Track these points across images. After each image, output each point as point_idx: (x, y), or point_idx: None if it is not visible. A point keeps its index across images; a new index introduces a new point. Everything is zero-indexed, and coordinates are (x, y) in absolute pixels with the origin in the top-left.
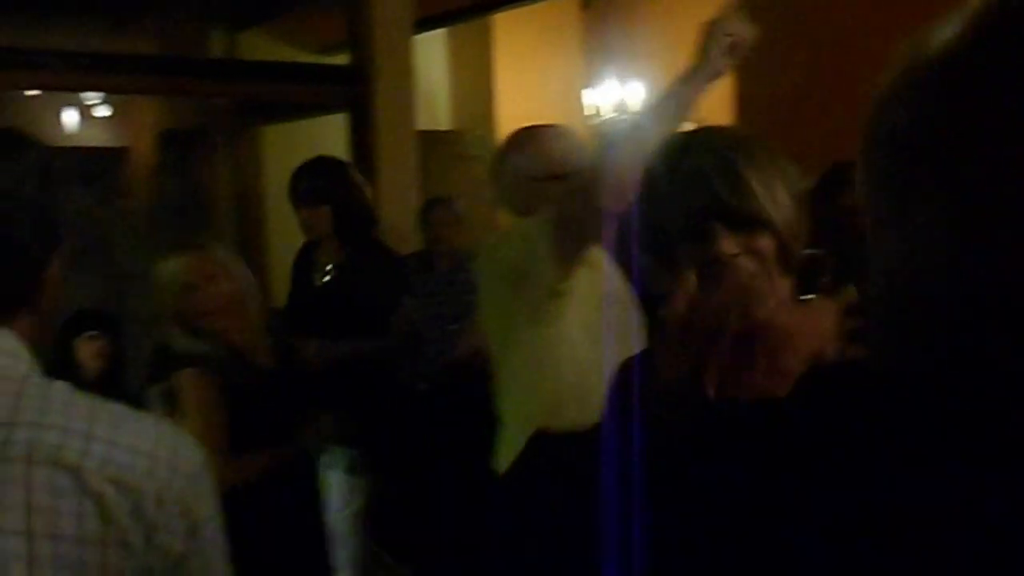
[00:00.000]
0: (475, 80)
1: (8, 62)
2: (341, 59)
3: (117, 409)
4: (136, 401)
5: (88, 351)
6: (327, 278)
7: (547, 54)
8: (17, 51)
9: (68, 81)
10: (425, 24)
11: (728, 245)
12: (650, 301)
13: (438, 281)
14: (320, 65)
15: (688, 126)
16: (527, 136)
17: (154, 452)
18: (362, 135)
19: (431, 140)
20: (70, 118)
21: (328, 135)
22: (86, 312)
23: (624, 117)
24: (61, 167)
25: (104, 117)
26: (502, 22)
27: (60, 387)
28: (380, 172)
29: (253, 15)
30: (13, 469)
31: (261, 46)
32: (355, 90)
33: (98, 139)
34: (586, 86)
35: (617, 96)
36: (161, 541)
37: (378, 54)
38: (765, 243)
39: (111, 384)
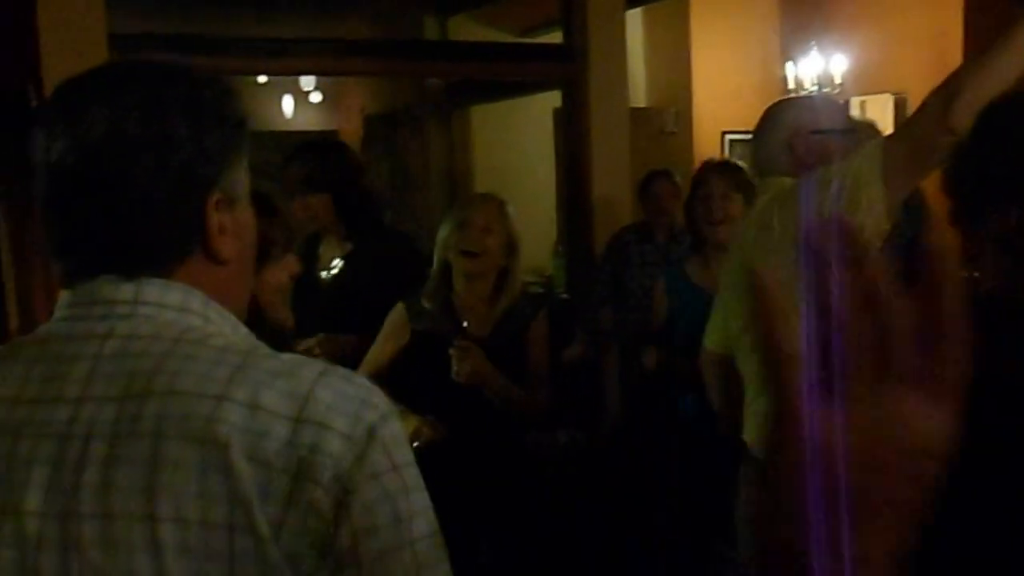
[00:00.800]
0: (672, 57)
1: (241, 49)
2: (543, 40)
3: (275, 367)
4: None
5: None
6: (334, 271)
7: (745, 29)
8: (250, 40)
9: (297, 65)
10: (628, 3)
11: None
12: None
13: (657, 251)
14: (534, 44)
15: None
16: (803, 98)
17: (302, 415)
18: (576, 111)
19: (629, 116)
20: (288, 104)
21: (533, 114)
22: None
23: (826, 90)
24: (195, 103)
25: (317, 102)
26: None
27: (218, 345)
28: (594, 147)
29: (463, 1)
30: (140, 446)
31: (468, 30)
32: (569, 67)
33: (312, 123)
34: (787, 60)
35: (820, 69)
36: (300, 523)
37: (592, 31)
38: None
39: None
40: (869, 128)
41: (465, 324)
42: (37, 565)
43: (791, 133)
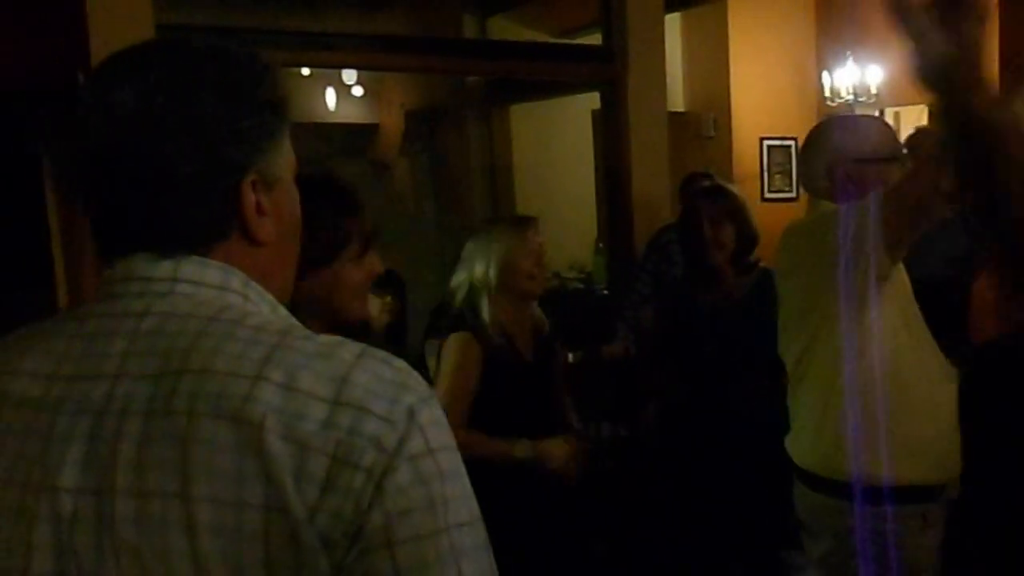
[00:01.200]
0: (710, 63)
1: (284, 42)
2: (581, 42)
3: (312, 348)
4: (416, 354)
5: (376, 307)
6: None
7: (783, 36)
8: (293, 33)
9: (339, 59)
10: (667, 7)
11: None
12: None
13: None
14: (574, 45)
15: None
16: (849, 120)
17: (339, 398)
18: (615, 113)
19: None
20: (331, 97)
21: (572, 113)
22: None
23: (862, 100)
24: (228, 83)
25: (359, 96)
26: (737, 4)
27: (254, 324)
28: (633, 148)
29: (502, 1)
30: (175, 424)
31: (507, 30)
32: (608, 69)
33: (353, 116)
34: (823, 68)
35: (856, 78)
36: (337, 506)
37: (631, 33)
38: None
39: (396, 338)
40: (930, 137)
41: (519, 348)
42: (72, 542)
43: (831, 160)
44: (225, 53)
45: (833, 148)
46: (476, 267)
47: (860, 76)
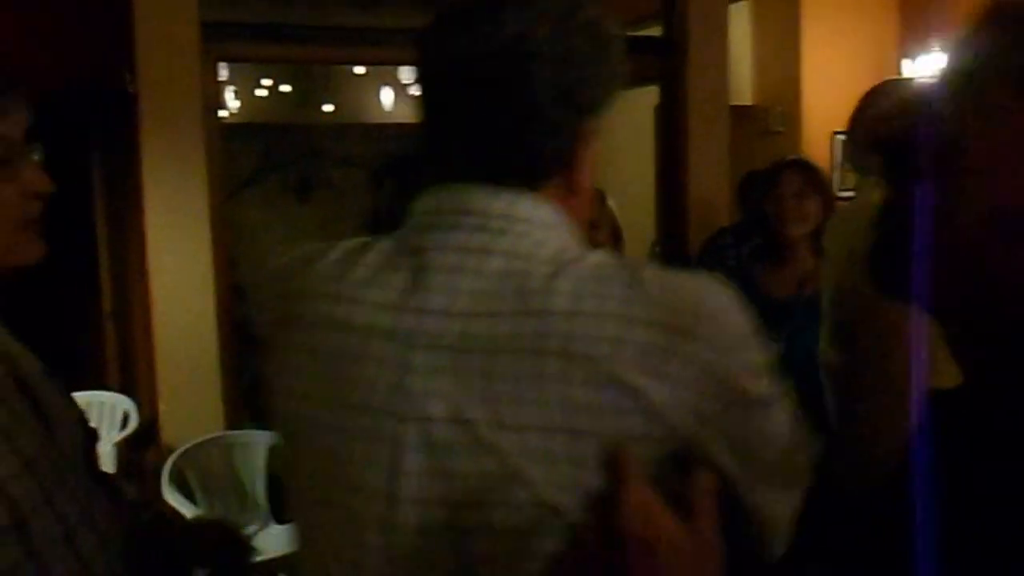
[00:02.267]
0: (780, 53)
1: (333, 39)
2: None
3: (656, 282)
4: None
5: None
6: None
7: (860, 23)
8: (341, 29)
9: (394, 56)
10: None
11: None
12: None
13: None
14: (632, 36)
15: None
16: (884, 91)
17: (694, 331)
18: (674, 107)
19: (733, 115)
20: (387, 96)
21: (634, 109)
22: None
23: None
24: (598, 31)
25: (417, 95)
26: None
27: (593, 263)
28: (692, 145)
29: None
30: (549, 364)
31: None
32: (667, 61)
33: (410, 115)
34: (904, 56)
35: (940, 67)
36: (713, 433)
37: (692, 24)
38: None
39: None
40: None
41: None
42: (451, 469)
43: (864, 136)
44: (596, 5)
45: (867, 124)
46: None
47: (944, 64)
